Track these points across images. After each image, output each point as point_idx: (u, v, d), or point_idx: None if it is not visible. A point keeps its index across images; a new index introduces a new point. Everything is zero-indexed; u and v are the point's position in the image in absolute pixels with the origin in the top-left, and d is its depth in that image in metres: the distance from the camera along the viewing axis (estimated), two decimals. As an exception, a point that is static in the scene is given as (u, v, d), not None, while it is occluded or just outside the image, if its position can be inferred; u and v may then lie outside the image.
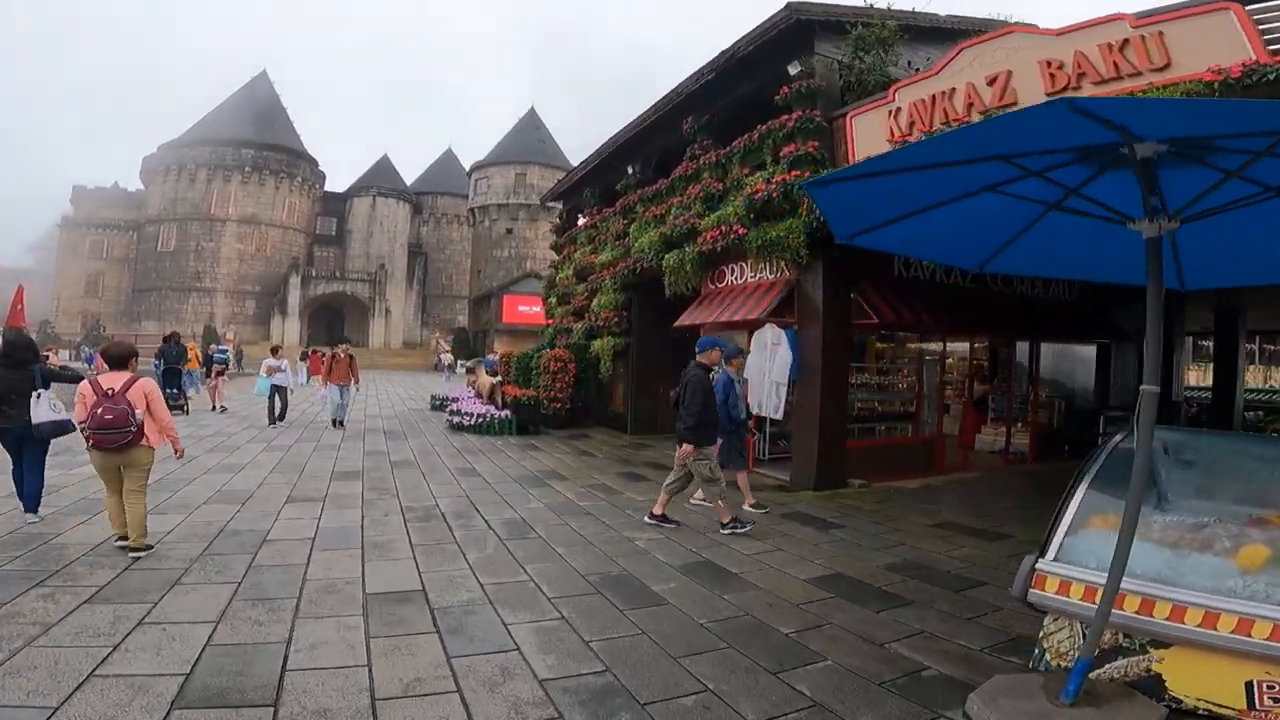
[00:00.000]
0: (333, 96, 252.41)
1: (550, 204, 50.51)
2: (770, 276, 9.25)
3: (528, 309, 45.24)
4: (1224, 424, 13.26)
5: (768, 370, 8.41)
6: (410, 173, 65.28)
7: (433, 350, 52.05)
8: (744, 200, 9.05)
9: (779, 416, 8.46)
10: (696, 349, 6.49)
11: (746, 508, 6.87)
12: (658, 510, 6.27)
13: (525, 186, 51.24)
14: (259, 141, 52.17)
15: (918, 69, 8.99)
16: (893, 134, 7.31)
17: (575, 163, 47.20)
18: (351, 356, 13.21)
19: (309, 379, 22.28)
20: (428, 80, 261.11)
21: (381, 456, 9.74)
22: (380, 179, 59.27)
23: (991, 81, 6.39)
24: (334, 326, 54.78)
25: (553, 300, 18.30)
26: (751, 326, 9.51)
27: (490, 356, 32.71)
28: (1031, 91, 6.06)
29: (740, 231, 9.11)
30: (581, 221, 18.46)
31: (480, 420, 13.00)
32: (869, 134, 7.69)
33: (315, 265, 55.24)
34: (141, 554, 4.78)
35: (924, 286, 9.32)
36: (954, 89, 6.72)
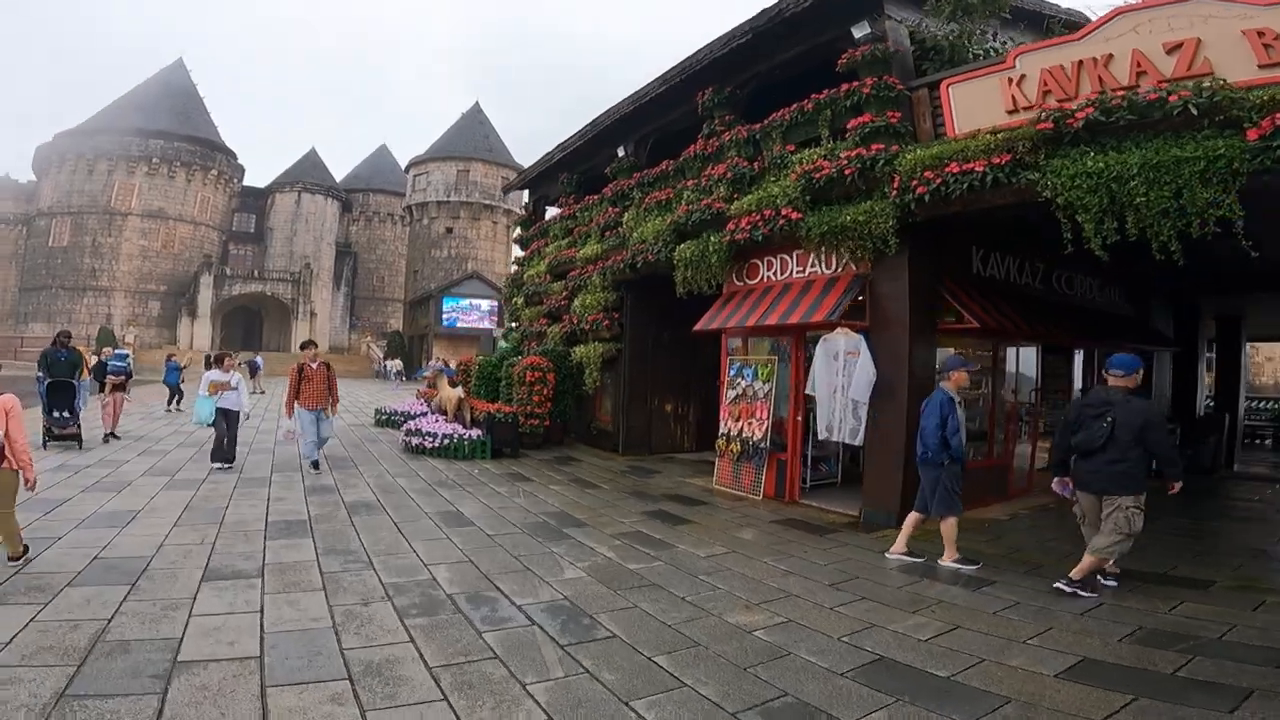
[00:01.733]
0: (265, 94, 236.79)
1: (494, 203, 48.03)
2: (827, 271, 7.68)
3: (470, 312, 42.71)
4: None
5: (841, 385, 6.81)
6: (342, 170, 61.27)
7: (364, 354, 48.50)
8: (800, 179, 7.46)
9: (858, 442, 6.86)
10: (1113, 369, 4.80)
11: (948, 563, 5.36)
12: (1076, 575, 4.73)
13: (468, 184, 48.45)
14: (170, 132, 47.23)
15: (1005, 43, 7.70)
16: (1015, 103, 6.01)
17: (522, 160, 44.80)
18: (328, 365, 9.25)
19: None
20: (363, 78, 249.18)
21: (330, 495, 7.55)
22: (307, 173, 54.93)
23: (1172, 50, 5.19)
24: (251, 330, 50.33)
25: (519, 300, 16.26)
26: (799, 331, 7.93)
27: (435, 363, 30.09)
28: (1235, 62, 4.92)
29: (793, 216, 7.52)
30: (553, 213, 16.59)
31: (447, 442, 10.86)
32: (977, 104, 6.32)
33: (231, 264, 50.47)
34: (18, 563, 4.44)
35: (1000, 286, 7.99)
36: (1110, 55, 5.50)
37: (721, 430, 8.89)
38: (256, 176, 74.68)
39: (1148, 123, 5.01)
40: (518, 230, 17.94)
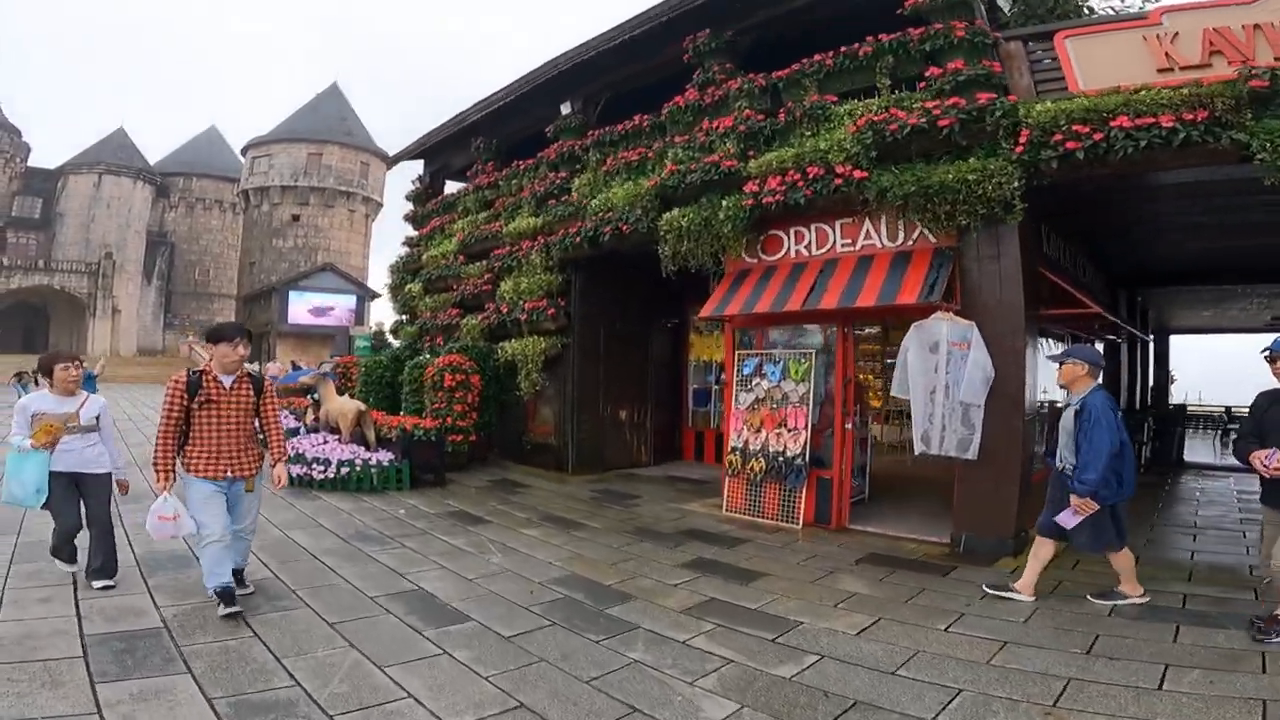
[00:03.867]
0: (77, 71, 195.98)
1: (352, 190, 42.97)
2: (891, 243, 6.16)
3: (321, 308, 37.63)
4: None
5: (943, 384, 5.27)
6: (161, 153, 52.19)
7: (185, 357, 41.21)
8: (862, 131, 5.88)
9: (970, 455, 5.33)
10: None
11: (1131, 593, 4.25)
12: None
13: (320, 168, 42.71)
14: (-66, 106, 37.43)
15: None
16: (1171, 61, 5.05)
17: (388, 149, 40.07)
18: (255, 380, 4.36)
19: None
20: (193, 62, 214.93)
21: (187, 569, 4.78)
22: (112, 154, 45.65)
23: None
24: (33, 330, 41.25)
25: (414, 288, 13.45)
26: (848, 318, 6.37)
27: (275, 365, 25.39)
28: None
29: (854, 175, 5.92)
30: (454, 187, 13.98)
31: (347, 471, 8.12)
32: (1111, 60, 5.28)
33: (9, 253, 41.02)
34: None
35: (1057, 268, 6.92)
36: None
37: (733, 444, 7.11)
38: (52, 157, 62.10)
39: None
40: (410, 207, 15.00)
